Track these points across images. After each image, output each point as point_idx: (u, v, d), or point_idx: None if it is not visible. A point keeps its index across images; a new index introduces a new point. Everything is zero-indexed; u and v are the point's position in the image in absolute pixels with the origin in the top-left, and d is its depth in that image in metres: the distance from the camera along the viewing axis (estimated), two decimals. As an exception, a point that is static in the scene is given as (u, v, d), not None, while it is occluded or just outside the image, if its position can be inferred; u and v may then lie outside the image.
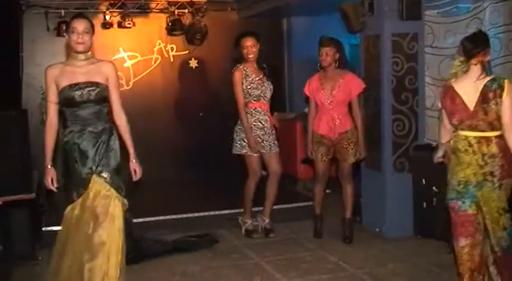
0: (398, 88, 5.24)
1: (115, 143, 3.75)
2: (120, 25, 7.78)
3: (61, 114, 3.70)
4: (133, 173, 3.86)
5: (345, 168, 5.23)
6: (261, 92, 5.29)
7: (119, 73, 8.07)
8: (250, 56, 5.24)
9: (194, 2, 7.84)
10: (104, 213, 3.59)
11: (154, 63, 8.34)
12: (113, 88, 3.74)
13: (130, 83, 8.20)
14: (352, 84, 5.14)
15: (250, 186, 5.37)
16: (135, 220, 5.74)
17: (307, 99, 5.48)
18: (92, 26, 3.69)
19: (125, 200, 3.72)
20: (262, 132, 5.28)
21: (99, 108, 3.68)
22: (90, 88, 3.62)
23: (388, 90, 5.22)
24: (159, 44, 8.31)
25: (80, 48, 3.61)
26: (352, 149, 5.14)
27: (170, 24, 8.00)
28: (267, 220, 5.42)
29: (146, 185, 7.34)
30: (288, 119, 7.60)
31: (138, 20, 7.89)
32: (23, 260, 4.71)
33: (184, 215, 6.21)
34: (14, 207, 4.69)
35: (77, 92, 3.58)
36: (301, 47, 8.27)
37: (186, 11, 8.03)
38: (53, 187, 3.67)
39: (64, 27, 3.61)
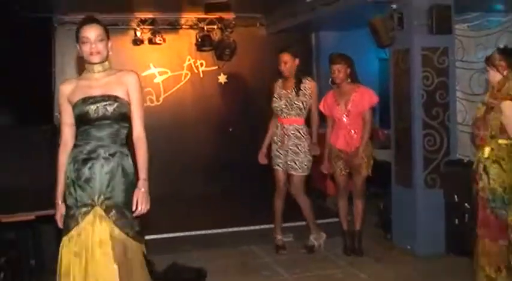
0: (429, 103, 5.17)
1: (128, 172, 3.13)
2: (150, 41, 7.88)
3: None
4: (134, 203, 3.04)
5: (358, 182, 5.23)
6: (278, 106, 5.29)
7: (149, 89, 8.28)
8: (283, 70, 5.26)
9: (223, 18, 7.90)
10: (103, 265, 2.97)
11: (184, 78, 8.40)
12: (135, 102, 3.16)
13: (161, 99, 8.28)
14: (365, 98, 5.15)
15: (276, 200, 5.37)
16: (164, 235, 5.79)
17: (323, 116, 5.48)
18: (106, 30, 3.13)
19: (138, 243, 3.12)
20: (276, 147, 5.32)
21: (118, 128, 3.11)
22: (107, 102, 3.06)
23: (418, 105, 5.16)
24: (189, 60, 8.38)
25: (96, 59, 3.08)
26: (365, 162, 5.14)
27: (200, 40, 8.07)
28: (311, 237, 5.38)
29: (175, 199, 7.47)
30: (318, 135, 7.54)
31: (168, 36, 7.97)
32: (55, 275, 4.74)
33: (214, 231, 6.19)
34: (46, 222, 4.73)
35: (91, 107, 3.04)
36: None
37: (215, 27, 8.11)
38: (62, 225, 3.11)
39: None
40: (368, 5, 5.46)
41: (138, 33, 7.85)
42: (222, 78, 8.50)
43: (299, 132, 5.25)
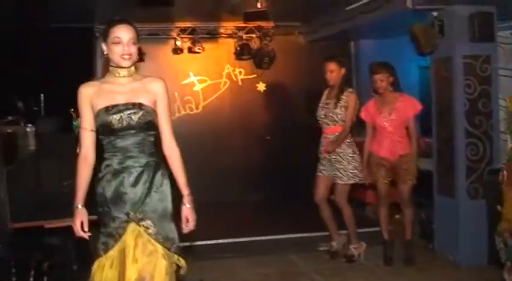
0: (471, 112, 5.09)
1: (163, 182, 2.97)
2: (190, 50, 7.97)
3: (99, 144, 2.98)
4: (184, 221, 2.98)
5: (404, 190, 5.16)
6: (319, 115, 5.30)
7: (188, 97, 8.36)
8: (329, 79, 5.25)
9: (262, 26, 7.94)
10: (147, 277, 2.82)
11: (223, 87, 8.46)
12: (163, 112, 2.97)
13: (200, 107, 8.36)
14: (409, 107, 5.09)
15: (320, 208, 5.33)
16: (203, 243, 5.83)
17: (361, 123, 5.45)
18: (138, 34, 2.96)
19: (177, 257, 2.97)
20: (320, 156, 5.29)
21: (143, 137, 2.92)
22: (131, 111, 2.87)
23: (461, 113, 5.08)
24: (228, 68, 8.43)
25: (127, 63, 2.88)
26: (412, 170, 5.07)
27: (238, 48, 8.12)
28: (351, 246, 5.34)
29: (213, 206, 7.51)
30: (357, 143, 7.47)
31: (207, 45, 8.05)
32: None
33: (252, 239, 6.19)
34: (89, 227, 4.80)
35: (114, 116, 2.84)
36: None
37: (254, 35, 8.15)
38: (84, 234, 2.90)
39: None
40: (408, 12, 5.41)
41: (178, 43, 7.95)
42: (261, 87, 8.53)
43: (327, 140, 5.24)
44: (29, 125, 4.97)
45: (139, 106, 2.90)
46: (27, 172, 4.63)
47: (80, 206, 2.87)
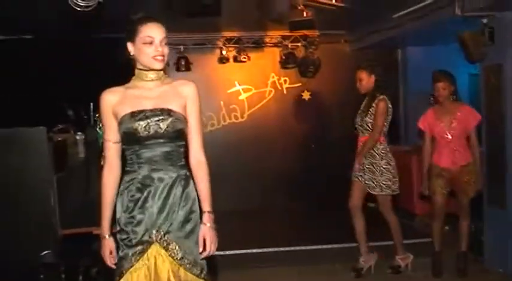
0: (523, 121, 4.94)
1: (193, 198, 2.67)
2: (235, 59, 8.03)
3: (122, 155, 2.70)
4: (200, 241, 2.61)
5: (463, 202, 5.02)
6: (355, 123, 5.23)
7: (234, 105, 8.41)
8: (358, 88, 5.17)
9: (307, 35, 7.93)
10: None
11: (268, 95, 8.48)
12: (193, 118, 2.68)
13: (245, 115, 8.40)
14: (470, 117, 4.97)
15: (352, 215, 5.19)
16: (248, 251, 5.83)
17: (420, 133, 5.33)
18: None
19: None
20: (356, 164, 5.15)
21: (173, 147, 2.62)
22: (160, 117, 2.57)
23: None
24: (273, 77, 8.46)
25: (160, 65, 2.61)
26: (473, 182, 4.93)
27: (284, 57, 8.13)
28: (397, 257, 5.21)
29: (259, 215, 7.52)
30: (403, 152, 7.39)
31: (252, 54, 8.09)
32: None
33: (297, 248, 6.15)
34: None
35: (141, 123, 2.55)
36: (417, 78, 8.06)
37: (299, 44, 8.15)
38: (112, 263, 2.65)
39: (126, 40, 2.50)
40: (457, 19, 5.31)
41: (224, 52, 8.03)
42: (306, 95, 8.51)
43: (373, 150, 5.05)
44: (79, 133, 5.06)
45: (168, 112, 2.60)
46: (77, 179, 4.72)
47: (107, 236, 2.65)
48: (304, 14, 5.63)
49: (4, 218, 4.05)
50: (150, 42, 2.57)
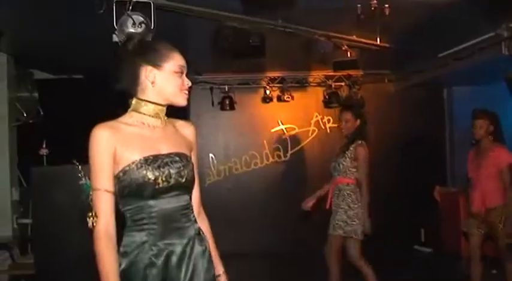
0: None
1: (210, 258, 2.28)
2: (279, 99, 8.09)
3: (119, 213, 2.13)
4: None
5: (499, 245, 4.87)
6: (331, 165, 5.19)
7: (277, 145, 8.39)
8: (342, 128, 5.16)
9: (351, 74, 7.94)
10: None
11: (311, 134, 8.48)
12: (196, 167, 2.30)
13: (288, 155, 8.40)
14: (502, 157, 4.81)
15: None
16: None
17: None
18: None
19: None
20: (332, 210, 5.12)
21: (188, 200, 2.22)
22: (180, 164, 2.15)
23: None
24: (316, 116, 8.46)
25: (186, 101, 2.23)
26: (503, 227, 4.76)
27: (327, 97, 8.14)
28: None
29: (297, 255, 7.43)
30: (450, 193, 7.24)
31: (296, 94, 8.14)
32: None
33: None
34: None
35: (162, 171, 2.09)
36: (464, 118, 7.91)
37: (343, 83, 8.16)
38: None
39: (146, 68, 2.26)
40: (504, 58, 5.25)
41: (268, 92, 8.11)
42: (350, 135, 8.47)
43: (340, 191, 5.09)
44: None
45: (186, 158, 2.21)
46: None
47: None
48: (348, 54, 5.66)
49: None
50: (181, 72, 2.20)
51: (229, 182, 8.20)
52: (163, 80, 2.16)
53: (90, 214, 2.04)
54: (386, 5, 4.28)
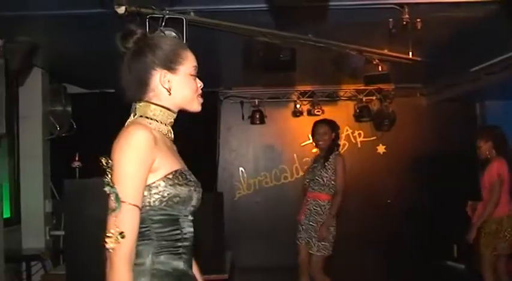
0: None
1: None
2: (309, 113, 8.07)
3: (143, 235, 1.78)
4: None
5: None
6: (307, 179, 5.21)
7: (306, 159, 8.39)
8: (320, 142, 5.21)
9: (382, 88, 7.89)
10: None
11: (342, 149, 8.40)
12: None
13: (318, 169, 8.35)
14: (494, 168, 4.92)
15: (299, 278, 5.13)
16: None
17: None
18: None
19: None
20: (303, 223, 5.11)
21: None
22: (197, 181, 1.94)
23: None
24: (347, 130, 8.41)
25: (200, 106, 1.98)
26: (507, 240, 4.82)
27: (358, 111, 8.11)
28: None
29: (332, 271, 7.36)
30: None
31: (326, 108, 8.10)
32: None
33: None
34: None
35: (198, 192, 1.90)
36: (497, 132, 7.83)
37: (374, 97, 8.11)
38: None
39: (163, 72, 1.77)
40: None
41: (298, 106, 8.10)
42: (381, 149, 8.41)
43: (320, 208, 5.05)
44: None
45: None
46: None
47: None
48: (380, 68, 5.63)
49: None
50: (196, 74, 1.96)
51: (259, 196, 8.19)
52: (178, 85, 1.90)
53: (113, 233, 1.68)
54: (418, 19, 4.25)
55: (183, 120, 2.05)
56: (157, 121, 1.88)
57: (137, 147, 1.72)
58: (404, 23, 4.15)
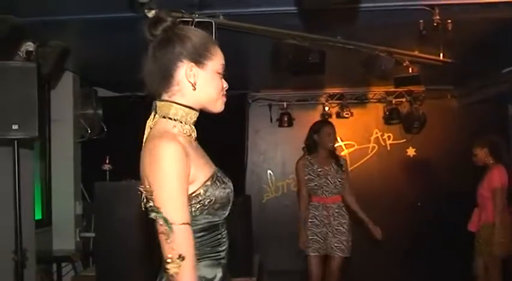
0: None
1: None
2: (338, 115, 8.02)
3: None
4: None
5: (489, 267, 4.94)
6: (318, 184, 5.03)
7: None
8: (330, 144, 5.13)
9: (412, 90, 7.79)
10: None
11: (371, 151, 8.36)
12: None
13: (347, 172, 8.30)
14: (495, 176, 4.94)
15: None
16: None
17: None
18: None
19: None
20: (319, 230, 4.99)
21: None
22: (229, 180, 1.89)
23: None
24: (376, 133, 8.35)
25: (223, 106, 1.88)
26: (487, 246, 4.86)
27: (387, 113, 8.02)
28: None
29: (358, 275, 7.29)
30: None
31: (355, 110, 8.06)
32: None
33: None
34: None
35: (230, 187, 1.85)
36: (531, 135, 7.68)
37: (404, 99, 8.03)
38: None
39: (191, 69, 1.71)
40: None
41: (327, 108, 8.06)
42: (411, 151, 8.31)
43: (342, 210, 5.06)
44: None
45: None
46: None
47: None
48: (410, 70, 5.57)
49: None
50: (223, 73, 1.85)
51: (287, 199, 8.15)
52: (204, 81, 1.78)
53: (171, 257, 1.60)
54: (449, 20, 4.18)
55: (211, 123, 2.02)
56: (180, 122, 1.78)
57: (171, 165, 1.62)
58: (435, 24, 4.09)
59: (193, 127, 1.82)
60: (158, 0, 3.49)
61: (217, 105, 1.84)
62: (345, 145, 8.35)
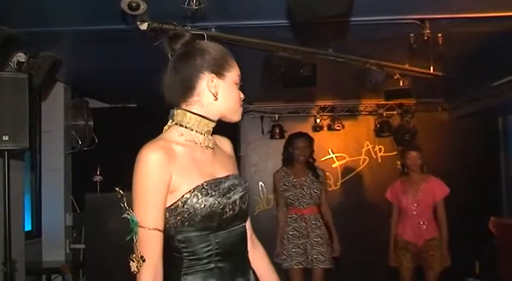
0: None
1: None
2: (329, 128, 8.06)
3: (170, 251, 1.82)
4: None
5: (431, 277, 4.91)
6: (293, 194, 5.05)
7: (327, 174, 8.41)
8: (301, 157, 5.15)
9: (403, 103, 7.84)
10: None
11: (362, 164, 8.38)
12: None
13: (338, 184, 8.32)
14: (436, 188, 4.99)
15: None
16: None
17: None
18: None
19: None
20: (300, 242, 4.99)
21: (245, 229, 1.97)
22: (241, 188, 1.90)
23: None
24: (367, 145, 8.37)
25: (240, 115, 1.98)
26: (439, 257, 4.87)
27: (378, 125, 8.07)
28: None
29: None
30: (507, 224, 7.00)
31: (346, 123, 8.08)
32: None
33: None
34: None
35: (228, 197, 1.82)
36: (520, 147, 7.73)
37: (395, 112, 8.07)
38: None
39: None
40: None
41: (318, 120, 8.09)
42: (402, 164, 8.32)
43: (319, 221, 5.06)
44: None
45: (243, 180, 1.96)
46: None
47: None
48: (401, 83, 5.60)
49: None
50: (239, 84, 1.95)
51: (279, 211, 8.14)
52: (224, 91, 1.87)
53: (135, 257, 1.71)
54: (440, 34, 4.22)
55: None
56: (192, 130, 1.85)
57: (147, 169, 1.70)
58: (426, 38, 4.13)
59: (208, 136, 1.89)
60: (151, 13, 3.50)
61: (236, 115, 1.94)
62: (336, 157, 8.37)
